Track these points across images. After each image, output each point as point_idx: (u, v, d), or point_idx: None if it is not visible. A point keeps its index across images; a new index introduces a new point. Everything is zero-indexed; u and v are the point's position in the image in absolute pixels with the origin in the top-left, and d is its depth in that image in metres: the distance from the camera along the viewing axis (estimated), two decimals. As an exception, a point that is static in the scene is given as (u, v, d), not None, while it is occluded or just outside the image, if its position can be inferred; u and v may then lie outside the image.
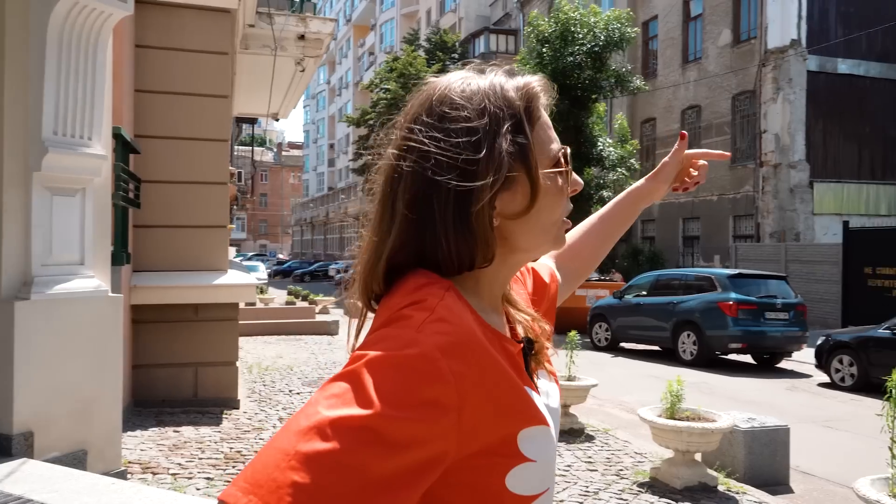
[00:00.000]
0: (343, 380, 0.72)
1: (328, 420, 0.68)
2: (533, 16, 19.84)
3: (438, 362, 0.74)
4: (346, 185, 61.63)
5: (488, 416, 0.78)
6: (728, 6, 23.28)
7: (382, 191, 0.89)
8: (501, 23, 39.34)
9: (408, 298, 0.81)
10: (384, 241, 0.87)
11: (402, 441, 0.69)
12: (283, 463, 0.66)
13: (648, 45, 27.18)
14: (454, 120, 0.85)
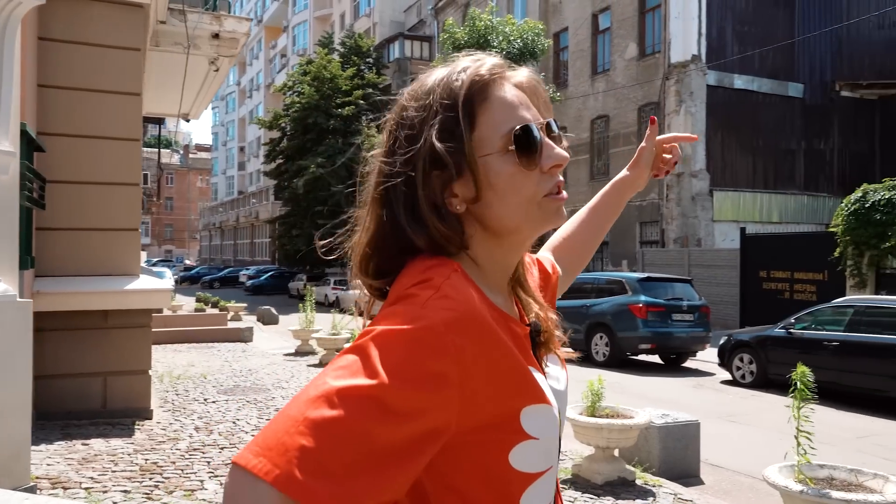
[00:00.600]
0: (351, 353, 0.76)
1: (335, 389, 0.71)
2: (448, 23, 20.05)
3: (442, 336, 0.77)
4: (257, 188, 60.21)
5: (489, 390, 0.81)
6: (634, 21, 24.25)
7: (368, 188, 0.95)
8: (416, 29, 39.51)
9: (416, 278, 0.85)
10: (369, 232, 0.93)
11: (405, 411, 0.72)
12: (291, 428, 0.69)
13: (559, 56, 27.94)
14: (404, 116, 0.90)
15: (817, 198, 23.62)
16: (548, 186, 0.90)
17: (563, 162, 0.90)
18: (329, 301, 28.00)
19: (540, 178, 0.89)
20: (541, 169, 0.89)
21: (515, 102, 0.90)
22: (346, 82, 33.21)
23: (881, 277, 15.07)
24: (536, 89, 0.96)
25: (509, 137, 0.87)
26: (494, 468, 0.84)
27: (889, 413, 8.95)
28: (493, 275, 0.93)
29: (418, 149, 0.88)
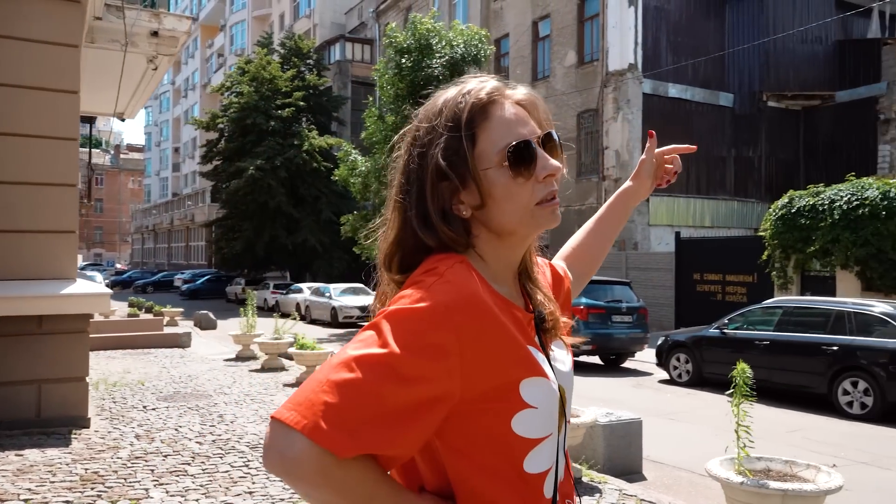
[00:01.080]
0: (368, 329, 0.92)
1: (354, 357, 0.87)
2: (391, 27, 20.02)
3: (443, 314, 0.91)
4: (192, 190, 58.72)
5: (489, 363, 0.94)
6: (573, 29, 24.76)
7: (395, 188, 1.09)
8: (357, 31, 39.34)
9: (424, 269, 1.00)
10: (392, 234, 1.08)
11: (412, 376, 0.86)
12: (317, 388, 0.85)
13: (500, 62, 28.28)
14: (419, 130, 1.05)
15: (746, 203, 24.56)
16: (541, 194, 1.02)
17: (556, 172, 1.03)
18: (268, 305, 27.56)
19: (535, 186, 1.02)
20: (536, 178, 1.02)
21: (512, 120, 1.03)
22: (286, 83, 32.79)
23: (805, 279, 15.79)
24: (535, 104, 1.09)
25: (504, 154, 1.00)
26: (498, 433, 0.96)
27: (816, 408, 9.40)
28: (497, 268, 1.06)
29: (427, 165, 1.02)
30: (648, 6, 22.92)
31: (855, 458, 6.95)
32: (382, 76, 19.87)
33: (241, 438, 6.74)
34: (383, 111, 20.11)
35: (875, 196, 14.21)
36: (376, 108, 20.60)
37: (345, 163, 19.98)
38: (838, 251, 14.75)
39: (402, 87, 19.17)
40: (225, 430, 7.08)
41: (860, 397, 9.09)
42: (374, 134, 19.62)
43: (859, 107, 23.72)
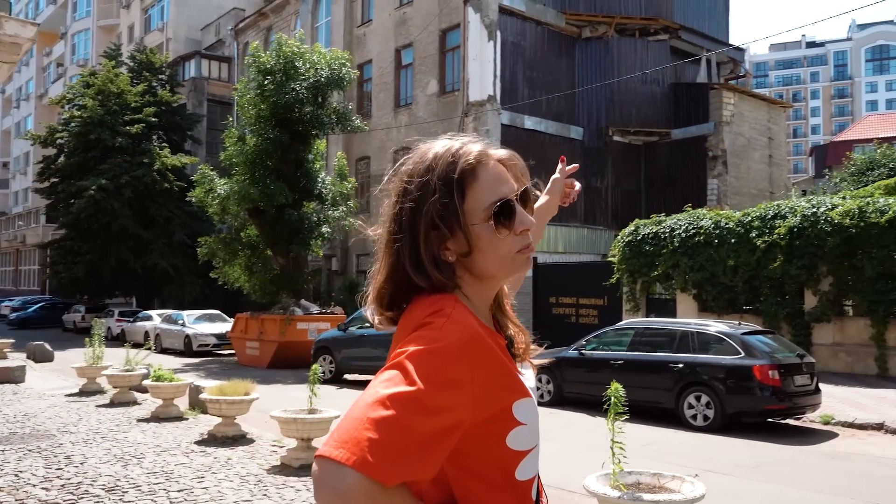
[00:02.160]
0: (392, 369, 1.03)
1: (386, 395, 0.98)
2: (254, 46, 19.58)
3: (457, 351, 1.04)
4: (24, 209, 53.78)
5: (492, 389, 1.08)
6: (435, 59, 25.40)
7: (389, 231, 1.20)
8: (214, 48, 38.06)
9: (428, 310, 1.12)
10: (384, 273, 1.20)
11: (436, 407, 0.98)
12: (359, 426, 0.95)
13: (363, 87, 28.42)
14: (410, 185, 1.17)
15: (595, 230, 26.11)
16: (519, 245, 1.18)
17: (531, 226, 1.19)
18: (113, 334, 25.65)
19: (514, 238, 1.17)
20: (514, 232, 1.17)
21: (497, 179, 1.18)
22: (136, 98, 30.97)
23: (650, 302, 17.02)
24: (514, 163, 1.24)
25: (490, 212, 1.15)
26: (496, 450, 1.11)
27: (665, 422, 10.09)
28: (478, 305, 1.21)
29: (420, 217, 1.15)
30: (506, 42, 23.99)
31: (703, 466, 7.54)
32: (243, 96, 19.34)
33: (95, 481, 6.23)
34: (244, 132, 19.54)
35: (709, 225, 15.64)
36: (236, 128, 19.99)
37: (201, 185, 19.15)
38: (678, 276, 16.05)
39: (265, 108, 18.75)
40: (75, 473, 6.52)
41: (703, 410, 9.89)
42: (233, 155, 19.00)
43: (691, 144, 26.06)
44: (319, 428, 7.03)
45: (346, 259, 28.21)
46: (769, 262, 14.58)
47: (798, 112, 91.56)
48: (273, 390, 12.76)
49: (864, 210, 13.51)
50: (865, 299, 13.60)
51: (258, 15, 34.77)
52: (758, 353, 9.74)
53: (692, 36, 27.88)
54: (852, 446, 8.96)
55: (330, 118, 19.39)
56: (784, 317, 14.62)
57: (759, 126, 27.20)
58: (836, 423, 10.17)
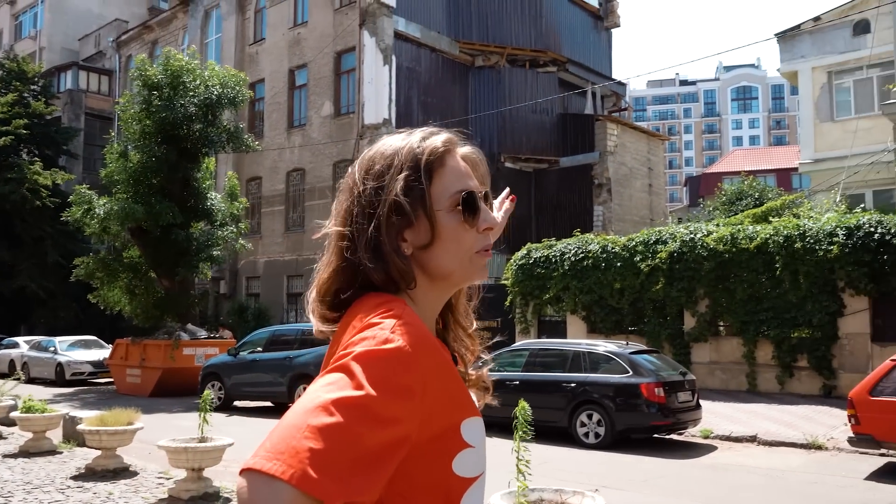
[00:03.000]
0: (335, 371, 0.89)
1: (331, 400, 0.84)
2: (140, 59, 18.74)
3: (409, 356, 0.92)
4: None
5: (442, 403, 0.96)
6: (329, 81, 25.26)
7: (341, 225, 1.09)
8: (94, 60, 36.16)
9: (377, 310, 0.99)
10: (330, 269, 1.09)
11: (386, 418, 0.85)
12: (297, 434, 0.80)
13: (255, 107, 27.81)
14: (371, 171, 1.09)
15: (488, 254, 26.60)
16: (481, 244, 1.10)
17: (494, 225, 1.11)
18: (-28, 364, 23.48)
19: (476, 236, 1.09)
20: (477, 228, 1.09)
21: (463, 171, 1.11)
22: (4, 109, 28.85)
23: (542, 324, 17.48)
24: (477, 163, 1.17)
25: (457, 198, 1.07)
26: (440, 475, 0.98)
27: (560, 440, 10.32)
28: (425, 311, 1.10)
29: (383, 199, 1.05)
30: (402, 66, 24.22)
31: (597, 482, 7.76)
32: (126, 111, 18.45)
33: (-44, 524, 5.65)
34: (127, 148, 18.59)
35: (596, 250, 16.30)
36: (119, 144, 19.00)
37: (79, 204, 17.97)
38: (568, 298, 16.60)
39: (150, 124, 17.95)
40: (-69, 516, 5.88)
41: (594, 428, 10.22)
42: (115, 172, 18.02)
43: (578, 172, 27.17)
44: (211, 457, 6.71)
45: (234, 282, 27.29)
46: (652, 285, 15.34)
47: (673, 145, 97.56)
48: (158, 419, 12.07)
49: (736, 237, 14.52)
50: (737, 320, 14.55)
51: (143, 28, 33.40)
52: (644, 372, 10.18)
53: (578, 69, 29.20)
54: (730, 458, 9.51)
55: (220, 136, 18.80)
56: (666, 337, 15.40)
57: (640, 156, 28.75)
58: (715, 436, 10.77)
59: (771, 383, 14.19)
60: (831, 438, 10.10)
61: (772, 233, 14.04)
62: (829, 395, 13.28)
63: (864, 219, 13.28)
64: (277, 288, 25.86)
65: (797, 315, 13.76)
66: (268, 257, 26.34)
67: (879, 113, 17.57)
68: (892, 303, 12.94)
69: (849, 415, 8.36)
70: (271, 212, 26.65)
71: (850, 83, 20.84)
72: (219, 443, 6.82)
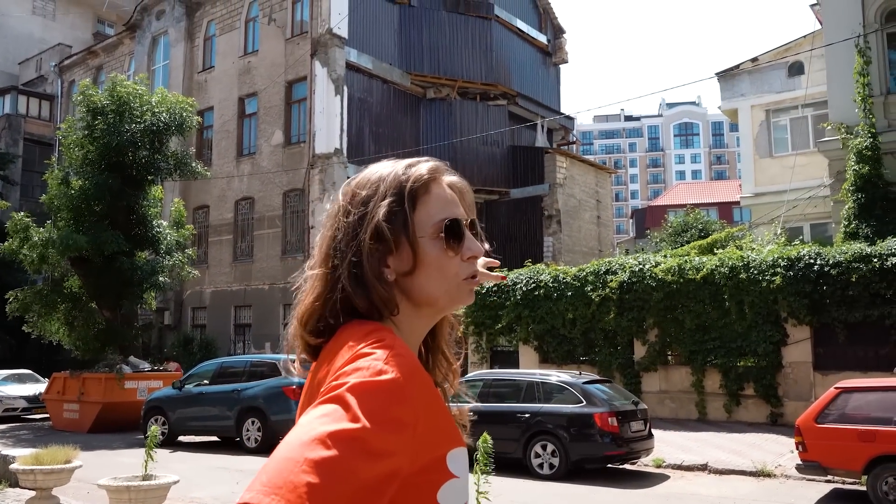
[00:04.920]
0: (329, 403, 0.87)
1: (327, 433, 0.83)
2: (84, 84, 18.29)
3: (403, 388, 0.91)
4: None
5: (432, 434, 0.95)
6: (280, 110, 25.09)
7: (327, 251, 1.10)
8: (34, 84, 35.17)
9: (366, 339, 0.98)
10: (313, 295, 1.09)
11: (381, 451, 0.84)
12: (295, 468, 0.79)
13: (203, 134, 27.39)
14: (356, 198, 1.09)
15: (440, 285, 26.59)
16: (467, 272, 1.09)
17: (479, 254, 1.11)
18: None
19: (460, 264, 1.08)
20: (461, 257, 1.08)
21: (448, 199, 1.11)
22: (-64, 133, 27.74)
23: (495, 353, 17.47)
24: (464, 192, 1.16)
25: (440, 226, 1.07)
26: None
27: (514, 472, 10.20)
28: (409, 338, 1.09)
29: (366, 226, 1.06)
30: (353, 97, 24.24)
31: (553, 515, 7.71)
32: (68, 136, 17.93)
33: None
34: (69, 174, 18.02)
35: (548, 280, 16.43)
36: (59, 170, 18.40)
37: (15, 233, 17.26)
38: (521, 328, 16.64)
39: (94, 150, 17.46)
40: None
41: (549, 459, 10.17)
42: (55, 198, 17.43)
43: (529, 203, 27.51)
44: (156, 496, 6.41)
45: (180, 313, 26.55)
46: (603, 315, 15.51)
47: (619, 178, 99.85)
48: (97, 457, 11.53)
49: (683, 267, 14.83)
50: (686, 349, 14.80)
51: (87, 53, 32.72)
52: (597, 402, 10.22)
53: (528, 103, 29.72)
54: (683, 487, 9.58)
55: (168, 163, 18.41)
56: (617, 366, 15.54)
57: (589, 189, 29.30)
58: (667, 465, 10.85)
59: (719, 412, 14.43)
60: (779, 466, 10.28)
61: (717, 264, 14.39)
62: (776, 423, 13.56)
63: (804, 251, 13.73)
64: (225, 319, 25.25)
65: (743, 344, 14.07)
66: (215, 287, 25.75)
67: (815, 150, 18.33)
68: (832, 332, 13.36)
69: (796, 442, 8.53)
70: (219, 241, 26.13)
71: (787, 121, 21.74)
72: (163, 480, 6.53)
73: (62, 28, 36.89)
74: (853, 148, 15.02)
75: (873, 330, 12.84)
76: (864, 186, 14.70)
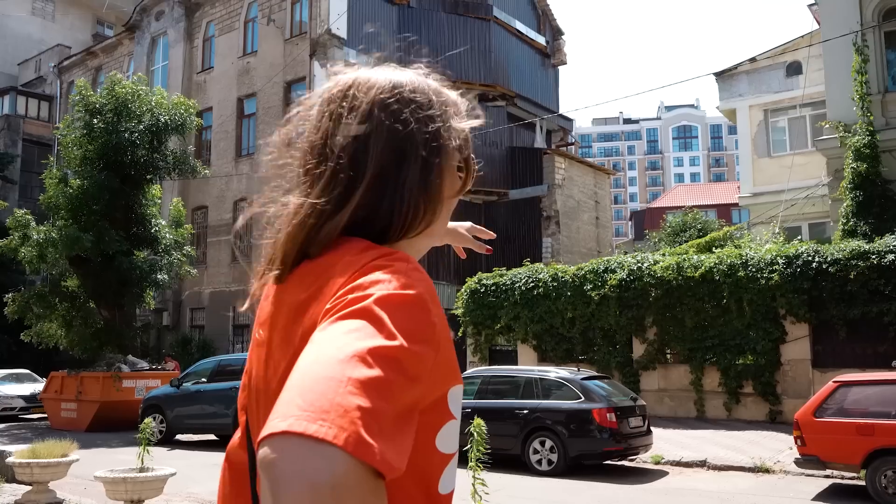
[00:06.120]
0: (356, 317, 0.75)
1: (367, 349, 0.70)
2: (81, 84, 18.30)
3: (428, 305, 0.81)
4: None
5: (445, 366, 0.85)
6: (279, 111, 25.04)
7: (340, 157, 0.94)
8: (34, 85, 35.20)
9: (376, 252, 0.87)
10: (341, 203, 0.92)
11: (415, 376, 0.74)
12: (341, 389, 0.66)
13: (202, 135, 27.39)
14: (422, 104, 0.98)
15: (439, 285, 26.54)
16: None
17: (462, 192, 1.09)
18: None
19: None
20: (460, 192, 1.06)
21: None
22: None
23: (493, 353, 17.44)
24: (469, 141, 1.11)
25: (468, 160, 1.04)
26: (423, 452, 0.85)
27: (512, 468, 10.20)
28: None
29: (444, 138, 0.97)
30: (353, 97, 24.23)
31: (551, 509, 7.70)
32: (67, 135, 17.93)
33: None
34: (66, 173, 18.02)
35: (547, 278, 16.41)
36: (58, 169, 18.40)
37: (15, 229, 17.27)
38: (519, 327, 16.62)
39: (92, 149, 17.46)
40: None
41: (547, 455, 10.15)
42: (54, 197, 17.43)
43: (527, 204, 27.50)
44: (152, 487, 6.40)
45: (178, 313, 26.52)
46: (602, 314, 15.49)
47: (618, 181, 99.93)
48: (95, 454, 11.51)
49: (682, 265, 14.82)
50: (685, 347, 14.77)
51: (86, 54, 32.75)
52: (596, 397, 10.21)
53: (526, 104, 29.73)
54: (682, 482, 9.56)
55: (166, 161, 18.41)
56: (615, 365, 15.51)
57: (587, 190, 29.31)
58: (666, 462, 10.83)
59: (719, 410, 14.40)
60: (778, 462, 10.26)
61: (716, 262, 14.38)
62: (775, 421, 13.54)
63: (802, 248, 13.73)
64: (223, 319, 25.20)
65: (742, 342, 14.05)
66: (213, 288, 25.71)
67: (813, 150, 18.34)
68: (830, 329, 13.35)
69: (795, 436, 8.52)
70: (217, 242, 26.10)
71: (785, 121, 21.76)
72: (160, 473, 6.51)
73: (61, 29, 36.91)
74: (851, 146, 15.03)
75: (872, 327, 12.83)
76: (862, 184, 14.71)
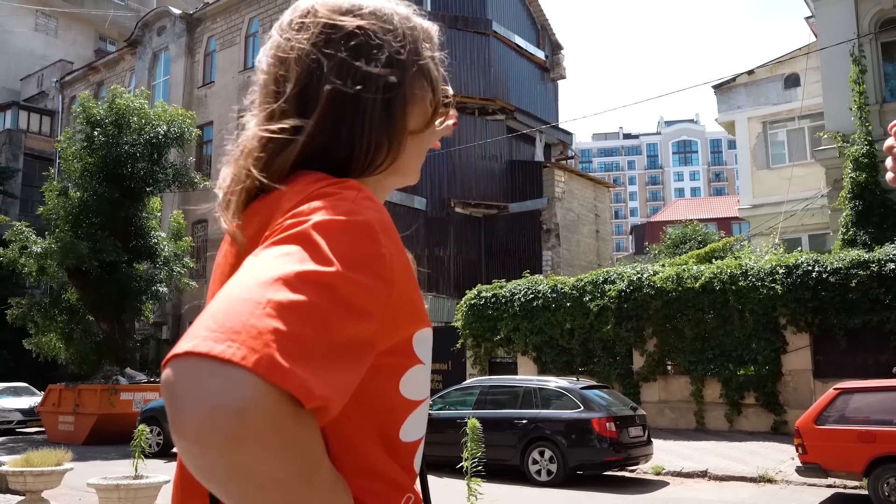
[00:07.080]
0: (290, 242, 0.68)
1: (293, 273, 0.64)
2: (83, 96, 18.39)
3: (377, 234, 0.73)
4: None
5: (403, 306, 0.78)
6: (280, 124, 25.16)
7: (293, 85, 0.88)
8: (35, 100, 35.37)
9: (325, 180, 0.80)
10: (293, 134, 0.85)
11: (357, 308, 0.67)
12: (256, 310, 0.60)
13: (203, 149, 27.48)
14: (382, 27, 0.89)
15: (438, 298, 26.49)
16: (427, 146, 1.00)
17: (449, 132, 1.03)
18: None
19: (432, 136, 0.99)
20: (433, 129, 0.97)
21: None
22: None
23: (493, 365, 17.35)
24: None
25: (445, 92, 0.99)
26: (384, 395, 0.80)
27: (511, 479, 10.12)
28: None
29: (408, 65, 0.89)
30: (353, 110, 24.34)
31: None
32: (68, 148, 17.98)
33: None
34: (66, 186, 18.06)
35: (546, 290, 16.37)
36: (58, 182, 18.44)
37: (15, 242, 17.29)
38: (519, 339, 16.55)
39: (93, 162, 17.51)
40: None
41: (546, 465, 10.06)
42: (54, 210, 17.46)
43: (527, 217, 27.51)
44: (147, 495, 6.34)
45: (178, 327, 26.42)
46: (602, 325, 15.43)
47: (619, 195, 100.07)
48: (92, 466, 11.41)
49: (682, 276, 14.78)
50: (685, 359, 14.70)
51: (88, 69, 32.94)
52: (595, 407, 10.13)
53: (526, 118, 29.83)
54: (683, 493, 9.47)
55: (166, 174, 18.46)
56: (616, 376, 15.42)
57: (587, 203, 29.33)
58: (666, 472, 10.73)
59: (720, 421, 14.30)
60: (780, 472, 10.17)
61: (716, 272, 14.34)
62: (777, 431, 13.44)
63: (802, 258, 13.70)
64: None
65: (743, 353, 13.98)
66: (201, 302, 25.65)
67: (812, 161, 18.35)
68: (831, 339, 13.29)
69: (796, 444, 8.44)
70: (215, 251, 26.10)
71: (784, 133, 21.80)
72: (155, 480, 6.45)
73: (64, 45, 37.17)
74: (850, 156, 15.04)
75: (872, 336, 12.77)
76: (861, 194, 14.71)
